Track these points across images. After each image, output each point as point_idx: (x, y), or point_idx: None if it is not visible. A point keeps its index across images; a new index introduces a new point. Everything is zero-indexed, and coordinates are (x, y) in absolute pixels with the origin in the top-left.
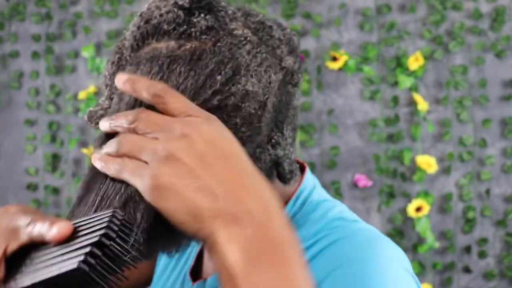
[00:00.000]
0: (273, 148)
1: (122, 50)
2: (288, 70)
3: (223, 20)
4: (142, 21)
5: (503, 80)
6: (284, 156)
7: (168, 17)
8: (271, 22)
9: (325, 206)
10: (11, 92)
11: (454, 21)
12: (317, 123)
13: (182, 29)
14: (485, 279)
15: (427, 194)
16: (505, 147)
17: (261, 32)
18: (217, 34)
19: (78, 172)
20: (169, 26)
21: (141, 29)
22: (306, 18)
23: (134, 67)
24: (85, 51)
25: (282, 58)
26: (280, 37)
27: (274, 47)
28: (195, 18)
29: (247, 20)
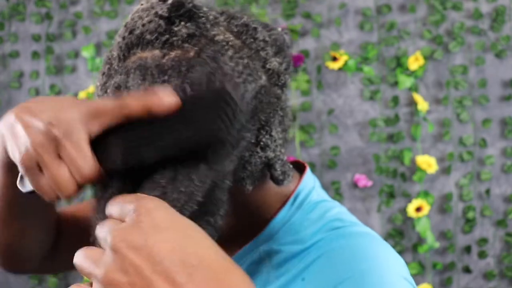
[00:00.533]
0: (262, 150)
1: (111, 60)
2: (274, 72)
3: (204, 26)
4: (126, 32)
5: (503, 80)
6: (275, 157)
7: (150, 27)
8: (256, 23)
9: (324, 207)
10: (11, 92)
11: (454, 21)
12: (317, 123)
13: (164, 38)
14: (485, 279)
15: (427, 194)
16: (505, 147)
17: (244, 35)
18: (199, 41)
19: None
20: (151, 35)
21: (126, 40)
22: (306, 18)
23: (124, 76)
24: (85, 51)
25: (267, 60)
26: (264, 39)
27: (258, 49)
28: (176, 26)
29: (230, 23)
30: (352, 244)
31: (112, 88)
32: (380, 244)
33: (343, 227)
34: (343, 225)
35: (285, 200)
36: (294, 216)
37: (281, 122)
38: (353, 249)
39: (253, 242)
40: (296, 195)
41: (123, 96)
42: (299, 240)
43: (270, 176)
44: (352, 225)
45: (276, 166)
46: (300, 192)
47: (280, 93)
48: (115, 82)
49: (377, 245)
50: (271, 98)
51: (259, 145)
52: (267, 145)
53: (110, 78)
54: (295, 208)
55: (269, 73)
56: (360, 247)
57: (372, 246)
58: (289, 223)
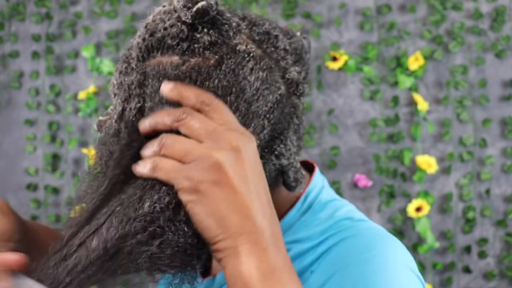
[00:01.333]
0: (277, 158)
1: (129, 59)
2: (293, 82)
3: (227, 34)
4: (147, 33)
5: (503, 80)
6: (289, 165)
7: (172, 32)
8: (278, 31)
9: (334, 206)
10: (11, 92)
11: (454, 21)
12: (317, 123)
13: (185, 45)
14: (485, 279)
15: (427, 194)
16: (505, 147)
17: (266, 44)
18: (220, 49)
19: (78, 172)
20: (173, 41)
21: (146, 42)
22: (306, 18)
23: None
24: (85, 51)
25: (287, 70)
26: (285, 47)
27: (278, 59)
28: (199, 33)
29: (252, 31)
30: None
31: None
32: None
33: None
34: (352, 223)
35: (295, 200)
36: (305, 215)
37: (296, 131)
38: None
39: None
40: (306, 195)
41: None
42: (309, 237)
43: (283, 182)
44: (362, 222)
45: (289, 173)
46: (310, 192)
47: (298, 103)
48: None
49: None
50: (289, 108)
51: (273, 154)
52: (281, 153)
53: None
54: (306, 208)
55: (288, 83)
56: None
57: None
58: (299, 222)
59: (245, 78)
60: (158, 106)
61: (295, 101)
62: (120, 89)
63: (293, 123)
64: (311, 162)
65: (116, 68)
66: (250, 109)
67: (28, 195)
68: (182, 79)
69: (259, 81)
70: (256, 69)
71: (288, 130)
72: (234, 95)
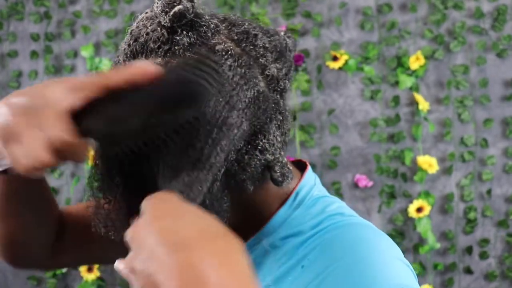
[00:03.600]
0: (261, 153)
1: (117, 66)
2: (273, 78)
3: (205, 35)
4: (131, 39)
5: (504, 80)
6: (274, 160)
7: (154, 36)
8: (257, 30)
9: (324, 202)
10: (10, 92)
11: (455, 20)
12: (317, 123)
13: (166, 47)
14: (487, 280)
15: (428, 195)
16: (507, 147)
17: (244, 42)
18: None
19: (77, 173)
20: (154, 44)
21: (131, 47)
22: (306, 18)
23: None
24: (84, 50)
25: (266, 67)
26: (264, 45)
27: (257, 56)
28: (178, 36)
29: (230, 31)
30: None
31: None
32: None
33: (343, 220)
34: (342, 218)
35: (286, 197)
36: (296, 211)
37: (280, 126)
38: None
39: (256, 237)
40: (297, 192)
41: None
42: (300, 232)
43: (270, 177)
44: (351, 218)
45: (275, 169)
46: (301, 189)
47: (279, 98)
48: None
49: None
50: (269, 104)
51: (257, 149)
52: (265, 148)
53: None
54: (297, 204)
55: (268, 79)
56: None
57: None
58: (290, 218)
59: (225, 73)
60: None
61: (276, 97)
62: None
63: (275, 118)
64: (304, 161)
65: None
66: (229, 103)
67: None
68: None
69: (238, 76)
70: (234, 66)
71: (270, 125)
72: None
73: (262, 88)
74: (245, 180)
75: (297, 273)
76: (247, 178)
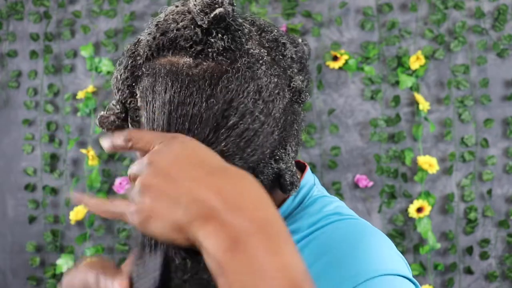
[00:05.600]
0: (276, 162)
1: (135, 56)
2: (296, 90)
3: (240, 40)
4: (158, 32)
5: (505, 80)
6: (286, 169)
7: (185, 34)
8: (285, 38)
9: (323, 201)
10: (9, 91)
11: (456, 20)
12: (318, 123)
13: (199, 48)
14: (487, 280)
15: (428, 195)
16: (507, 147)
17: (275, 52)
18: (233, 55)
19: (76, 173)
20: (186, 42)
21: (157, 40)
22: (307, 17)
23: (152, 78)
24: (84, 50)
25: (292, 78)
26: (292, 56)
27: (285, 67)
28: (213, 38)
29: (261, 37)
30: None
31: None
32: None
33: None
34: (340, 218)
35: (286, 196)
36: (295, 211)
37: (296, 137)
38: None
39: None
40: (297, 192)
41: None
42: (297, 229)
43: (279, 185)
44: (349, 217)
45: (286, 177)
46: (301, 189)
47: (300, 110)
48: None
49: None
50: (292, 115)
51: (273, 158)
52: (281, 158)
53: (135, 76)
54: (296, 204)
55: (292, 91)
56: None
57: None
58: (289, 217)
59: (260, 78)
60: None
61: (297, 108)
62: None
63: (294, 129)
64: (303, 162)
65: (119, 62)
66: (267, 109)
67: (26, 195)
68: (194, 81)
69: (273, 84)
70: (269, 74)
71: (289, 136)
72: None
73: (288, 99)
74: None
75: None
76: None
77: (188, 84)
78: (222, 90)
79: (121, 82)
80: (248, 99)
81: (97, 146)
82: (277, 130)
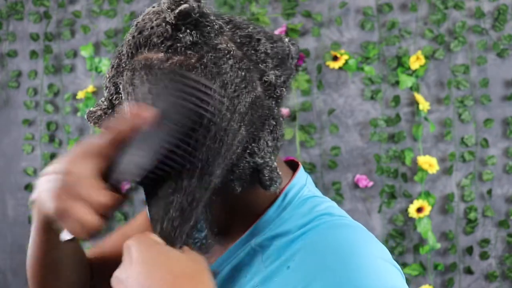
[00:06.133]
0: (250, 156)
1: (120, 56)
2: (270, 84)
3: (208, 35)
4: (136, 31)
5: (505, 80)
6: (264, 164)
7: (158, 31)
8: (261, 34)
9: (313, 202)
10: (9, 91)
11: (456, 20)
12: (318, 123)
13: (169, 43)
14: (487, 280)
15: (428, 195)
16: (507, 147)
17: (246, 46)
18: (201, 49)
19: None
20: (158, 39)
21: (135, 39)
22: (307, 17)
23: (130, 73)
24: (84, 50)
25: (265, 72)
26: (266, 51)
27: (257, 61)
28: (181, 33)
29: (234, 33)
30: (336, 234)
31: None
32: (363, 234)
33: (331, 220)
34: (331, 219)
35: (275, 197)
36: (284, 211)
37: (273, 131)
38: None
39: (244, 237)
40: (287, 192)
41: (111, 125)
42: (287, 232)
43: (258, 180)
44: (340, 218)
45: (264, 172)
46: (291, 189)
47: (273, 105)
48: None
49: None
50: (264, 110)
51: (246, 151)
52: (254, 152)
53: (119, 73)
54: (286, 204)
55: (265, 85)
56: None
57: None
58: (278, 218)
59: (226, 73)
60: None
61: (271, 103)
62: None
63: (268, 124)
64: (297, 161)
65: (111, 63)
66: (232, 105)
67: (26, 195)
68: (165, 74)
69: (239, 79)
70: (235, 68)
71: (262, 131)
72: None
73: (258, 93)
74: (233, 181)
75: (283, 273)
76: (234, 179)
77: (160, 77)
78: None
79: (108, 80)
80: (216, 96)
81: None
82: (243, 125)
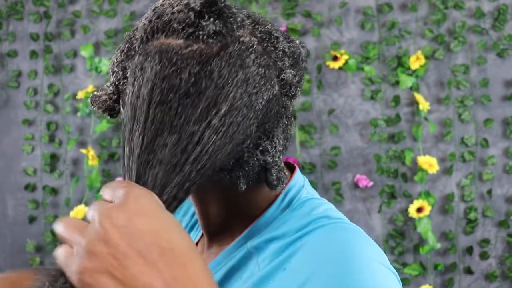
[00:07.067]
0: (261, 154)
1: (132, 40)
2: (287, 83)
3: (231, 26)
4: (154, 16)
5: (505, 80)
6: (273, 163)
7: (179, 17)
8: (279, 33)
9: (312, 204)
10: (9, 91)
11: (456, 20)
12: (318, 123)
13: (190, 30)
14: (487, 280)
15: (428, 195)
16: (507, 147)
17: (266, 42)
18: (224, 39)
19: (76, 173)
20: (179, 25)
21: (152, 23)
22: (307, 17)
23: (142, 57)
24: (84, 50)
25: (283, 70)
26: (284, 49)
27: (276, 59)
28: (204, 21)
29: (254, 28)
30: (332, 237)
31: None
32: (360, 236)
33: (329, 223)
34: (329, 221)
35: (274, 198)
36: (282, 213)
37: (284, 131)
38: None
39: (240, 239)
40: (286, 193)
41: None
42: (284, 234)
43: (265, 180)
44: (337, 221)
45: (272, 171)
46: (290, 191)
47: (289, 104)
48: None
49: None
50: (280, 108)
51: (258, 149)
52: (266, 149)
53: (129, 57)
54: (285, 206)
55: (282, 83)
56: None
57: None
58: (276, 220)
59: (249, 67)
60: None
61: (287, 102)
62: (120, 67)
63: (282, 122)
64: (293, 163)
65: (117, 48)
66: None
67: (26, 195)
68: (182, 59)
69: (259, 76)
70: (257, 63)
71: (276, 129)
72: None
73: (276, 91)
74: (240, 178)
75: (278, 276)
76: (242, 176)
77: (176, 61)
78: (213, 72)
79: (116, 65)
80: (236, 89)
81: (97, 146)
82: (256, 122)
